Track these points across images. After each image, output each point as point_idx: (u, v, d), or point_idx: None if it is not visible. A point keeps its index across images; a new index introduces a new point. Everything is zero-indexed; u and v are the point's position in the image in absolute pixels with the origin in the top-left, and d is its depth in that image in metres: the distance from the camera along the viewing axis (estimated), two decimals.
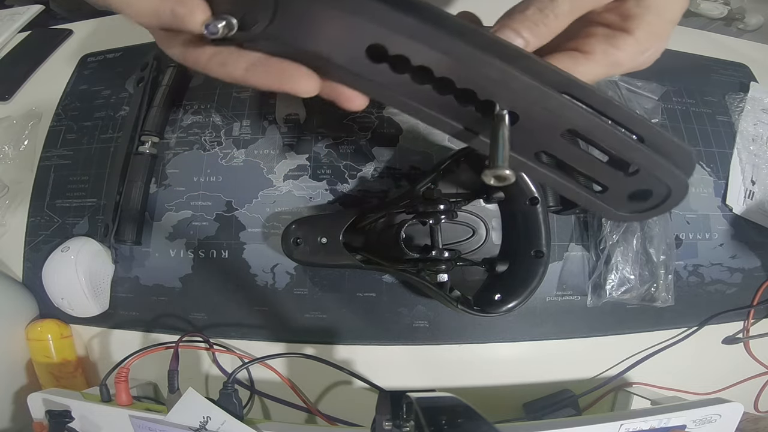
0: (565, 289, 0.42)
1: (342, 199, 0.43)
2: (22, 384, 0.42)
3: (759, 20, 0.73)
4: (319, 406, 0.40)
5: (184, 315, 0.42)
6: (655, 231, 0.41)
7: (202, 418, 0.32)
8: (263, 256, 0.42)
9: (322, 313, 0.41)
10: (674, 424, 0.33)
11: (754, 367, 0.43)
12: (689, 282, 0.43)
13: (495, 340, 0.41)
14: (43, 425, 0.35)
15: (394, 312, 0.41)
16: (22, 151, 0.48)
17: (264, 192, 0.43)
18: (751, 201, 0.46)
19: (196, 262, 0.42)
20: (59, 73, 0.52)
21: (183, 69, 0.48)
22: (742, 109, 0.49)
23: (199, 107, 0.46)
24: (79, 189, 0.45)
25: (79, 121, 0.48)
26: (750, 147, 0.48)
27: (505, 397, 0.41)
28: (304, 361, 0.40)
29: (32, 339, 0.41)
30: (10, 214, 0.46)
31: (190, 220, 0.43)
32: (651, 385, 0.40)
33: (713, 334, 0.43)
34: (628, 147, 0.21)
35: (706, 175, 0.46)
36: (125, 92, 0.49)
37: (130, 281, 0.43)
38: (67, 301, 0.41)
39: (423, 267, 0.36)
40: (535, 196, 0.35)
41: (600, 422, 0.32)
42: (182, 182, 0.44)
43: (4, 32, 0.58)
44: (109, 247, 0.43)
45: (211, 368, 0.41)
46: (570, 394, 0.40)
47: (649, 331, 0.42)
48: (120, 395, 0.34)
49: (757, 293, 0.44)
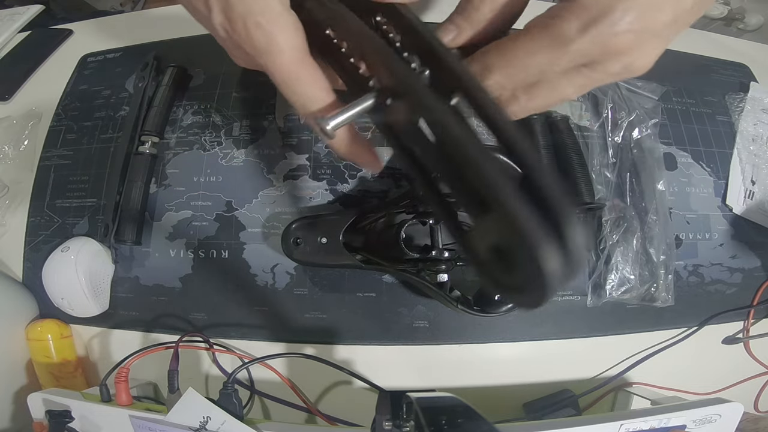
0: (565, 289, 0.42)
1: (342, 199, 0.43)
2: (22, 384, 0.42)
3: (759, 20, 0.73)
4: (319, 406, 0.40)
5: (184, 315, 0.42)
6: (655, 231, 0.41)
7: (202, 418, 0.32)
8: (263, 256, 0.42)
9: (322, 313, 0.41)
10: (674, 424, 0.33)
11: (754, 367, 0.43)
12: (689, 282, 0.43)
13: (495, 340, 0.41)
14: (43, 425, 0.35)
15: (394, 312, 0.41)
16: (22, 151, 0.48)
17: (264, 192, 0.43)
18: (751, 201, 0.46)
19: (196, 262, 0.42)
20: (59, 73, 0.52)
21: (183, 69, 0.48)
22: (742, 109, 0.49)
23: (199, 107, 0.46)
24: (79, 189, 0.45)
25: (79, 121, 0.48)
26: (750, 147, 0.48)
27: (505, 397, 0.41)
28: (304, 361, 0.40)
29: (32, 339, 0.41)
30: (10, 214, 0.46)
31: (190, 220, 0.43)
32: (651, 385, 0.40)
33: (713, 334, 0.43)
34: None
35: (706, 175, 0.46)
36: (125, 92, 0.49)
37: (130, 281, 0.43)
38: (67, 301, 0.41)
39: (423, 267, 0.36)
40: None
41: (600, 422, 0.32)
42: (182, 182, 0.44)
43: (4, 32, 0.58)
44: (109, 247, 0.43)
45: (211, 368, 0.41)
46: (570, 394, 0.40)
47: (649, 331, 0.42)
48: (120, 395, 0.34)
49: (757, 293, 0.44)
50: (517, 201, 0.14)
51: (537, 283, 0.14)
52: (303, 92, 0.23)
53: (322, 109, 0.23)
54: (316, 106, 0.23)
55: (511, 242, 0.15)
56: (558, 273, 0.14)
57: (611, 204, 0.42)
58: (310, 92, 0.23)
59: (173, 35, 0.52)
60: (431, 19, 0.49)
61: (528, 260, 0.14)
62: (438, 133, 0.18)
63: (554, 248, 0.14)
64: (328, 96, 0.23)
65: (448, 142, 0.17)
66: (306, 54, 0.23)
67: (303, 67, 0.23)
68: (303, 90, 0.23)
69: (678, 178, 0.46)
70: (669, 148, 0.46)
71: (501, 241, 0.15)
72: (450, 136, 0.17)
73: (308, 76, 0.23)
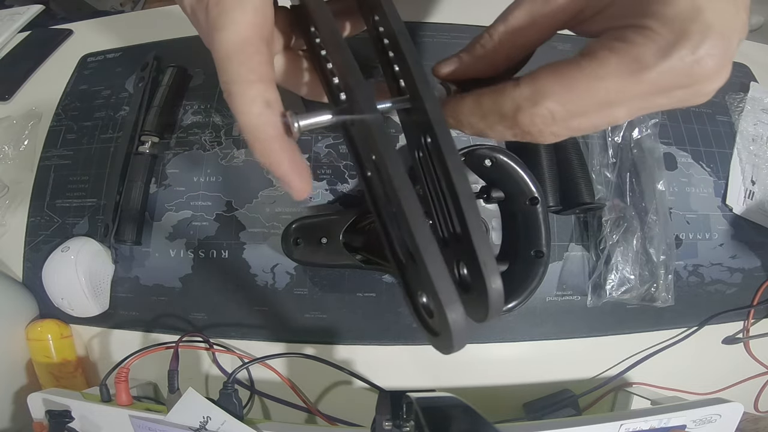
0: (565, 289, 0.42)
1: (342, 199, 0.43)
2: (22, 384, 0.42)
3: (759, 20, 0.73)
4: (319, 406, 0.40)
5: (184, 315, 0.42)
6: (655, 231, 0.41)
7: (202, 418, 0.32)
8: (263, 256, 0.42)
9: (322, 313, 0.41)
10: (674, 424, 0.33)
11: (754, 367, 0.43)
12: (689, 282, 0.43)
13: (495, 340, 0.41)
14: (43, 425, 0.35)
15: (394, 312, 0.41)
16: (22, 151, 0.48)
17: (264, 192, 0.43)
18: (751, 201, 0.46)
19: (196, 262, 0.42)
20: (59, 73, 0.52)
21: (183, 69, 0.48)
22: (742, 109, 0.49)
23: (199, 107, 0.46)
24: (79, 189, 0.45)
25: (79, 121, 0.48)
26: (750, 147, 0.48)
27: (505, 397, 0.41)
28: (304, 361, 0.40)
29: (32, 339, 0.41)
30: (10, 214, 0.46)
31: (190, 220, 0.43)
32: (651, 385, 0.40)
33: (713, 334, 0.43)
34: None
35: (706, 175, 0.46)
36: (125, 92, 0.49)
37: (130, 281, 0.43)
38: (67, 301, 0.41)
39: None
40: (535, 196, 0.35)
41: (600, 422, 0.32)
42: (182, 182, 0.44)
43: (4, 32, 0.58)
44: (109, 247, 0.43)
45: (211, 368, 0.41)
46: (570, 394, 0.40)
47: (649, 331, 0.42)
48: (120, 395, 0.34)
49: (757, 293, 0.44)
50: (435, 265, 0.15)
51: (445, 332, 0.15)
52: (236, 72, 0.19)
53: (255, 97, 0.19)
54: (250, 93, 0.19)
55: (428, 293, 0.16)
56: (461, 329, 0.15)
57: (611, 204, 0.42)
58: (245, 73, 0.19)
59: (173, 35, 0.52)
60: (436, 20, 0.49)
61: (438, 313, 0.16)
62: (379, 173, 0.17)
63: (460, 312, 0.15)
64: (267, 88, 0.20)
65: (387, 187, 0.17)
66: (261, 40, 0.20)
67: (249, 47, 0.20)
68: (238, 69, 0.19)
69: (678, 178, 0.46)
70: (669, 148, 0.46)
71: (422, 288, 0.17)
72: (388, 182, 0.16)
73: (252, 57, 0.20)
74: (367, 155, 0.19)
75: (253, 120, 0.19)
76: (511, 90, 0.19)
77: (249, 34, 0.20)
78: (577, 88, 0.18)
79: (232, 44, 0.19)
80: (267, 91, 0.20)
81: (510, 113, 0.19)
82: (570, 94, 0.18)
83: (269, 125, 0.19)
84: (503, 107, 0.19)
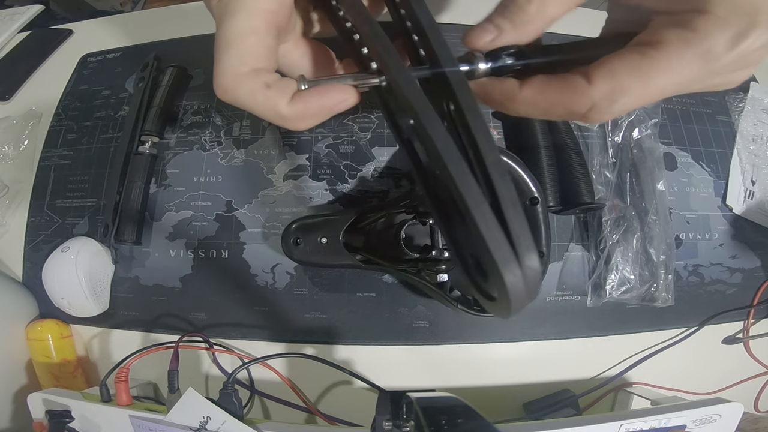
0: (565, 289, 0.42)
1: (342, 199, 0.43)
2: (22, 384, 0.42)
3: None
4: (319, 406, 0.40)
5: (184, 315, 0.42)
6: (655, 231, 0.41)
7: (202, 418, 0.32)
8: (263, 256, 0.42)
9: (322, 313, 0.41)
10: (674, 424, 0.33)
11: (754, 367, 0.43)
12: (689, 282, 0.43)
13: (495, 340, 0.41)
14: (43, 425, 0.35)
15: (394, 312, 0.41)
16: (22, 151, 0.48)
17: (264, 192, 0.43)
18: (751, 201, 0.46)
19: (196, 262, 0.42)
20: (59, 73, 0.52)
21: (183, 69, 0.48)
22: (742, 109, 0.49)
23: (199, 107, 0.46)
24: (79, 189, 0.45)
25: (79, 121, 0.48)
26: (750, 147, 0.48)
27: (505, 397, 0.41)
28: (304, 361, 0.40)
29: (32, 339, 0.41)
30: (10, 214, 0.46)
31: (190, 220, 0.43)
32: (651, 385, 0.40)
33: (713, 334, 0.43)
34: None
35: (706, 175, 0.46)
36: (125, 92, 0.49)
37: (130, 281, 0.43)
38: (67, 301, 0.41)
39: (423, 267, 0.36)
40: (535, 196, 0.35)
41: (600, 422, 0.32)
42: (182, 182, 0.44)
43: (4, 32, 0.58)
44: (109, 247, 0.43)
45: (211, 368, 0.41)
46: (570, 394, 0.40)
47: (649, 331, 0.42)
48: (120, 395, 0.34)
49: (757, 293, 0.44)
50: (488, 223, 0.15)
51: (503, 294, 0.15)
52: (229, 64, 0.19)
53: (253, 88, 0.19)
54: (248, 85, 0.19)
55: (482, 255, 0.15)
56: (520, 289, 0.15)
57: (611, 204, 0.42)
58: (236, 65, 0.19)
59: (173, 35, 0.52)
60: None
61: (494, 274, 0.15)
62: (421, 139, 0.18)
63: (516, 268, 0.15)
64: (260, 73, 0.19)
65: (430, 151, 0.17)
66: (268, 30, 0.19)
67: (253, 36, 0.19)
68: (230, 62, 0.19)
69: (678, 178, 0.46)
70: (669, 148, 0.46)
71: (475, 251, 0.16)
72: (431, 147, 0.16)
73: (255, 48, 0.19)
74: (404, 120, 0.19)
75: (262, 109, 0.19)
76: (586, 88, 0.18)
77: (257, 23, 0.19)
78: (655, 84, 0.18)
79: (237, 31, 0.19)
80: (260, 75, 0.19)
81: (584, 110, 0.19)
82: (647, 89, 0.18)
83: (280, 105, 0.19)
84: (576, 104, 0.19)
